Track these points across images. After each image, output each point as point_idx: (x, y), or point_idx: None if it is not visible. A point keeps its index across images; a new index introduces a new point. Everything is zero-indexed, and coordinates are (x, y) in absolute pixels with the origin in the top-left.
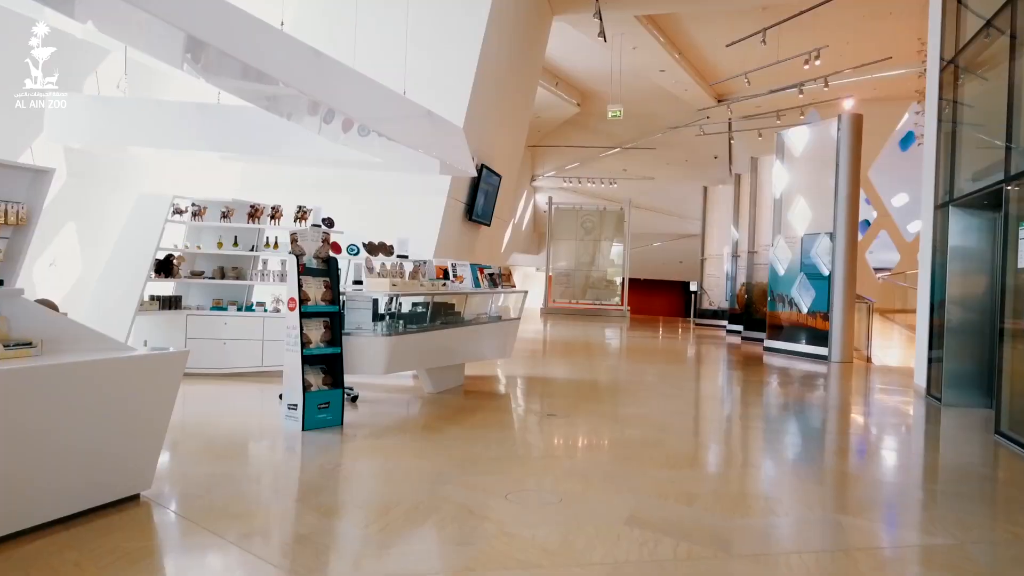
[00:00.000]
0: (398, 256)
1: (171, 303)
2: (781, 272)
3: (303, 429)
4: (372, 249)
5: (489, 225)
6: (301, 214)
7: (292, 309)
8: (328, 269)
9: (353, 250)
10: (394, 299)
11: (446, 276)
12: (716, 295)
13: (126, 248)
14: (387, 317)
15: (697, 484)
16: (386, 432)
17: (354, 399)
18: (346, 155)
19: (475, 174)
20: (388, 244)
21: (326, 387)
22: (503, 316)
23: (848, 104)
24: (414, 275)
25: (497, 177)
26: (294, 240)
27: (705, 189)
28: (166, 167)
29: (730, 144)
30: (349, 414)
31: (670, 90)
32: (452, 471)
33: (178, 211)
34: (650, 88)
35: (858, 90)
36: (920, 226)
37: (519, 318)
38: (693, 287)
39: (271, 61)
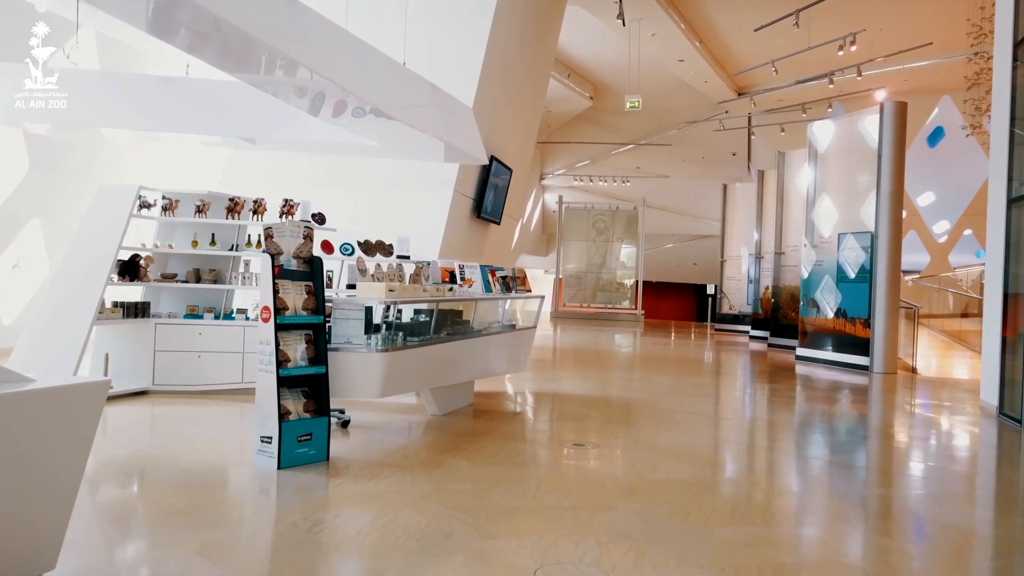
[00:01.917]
0: (398, 257)
1: (137, 310)
2: (817, 275)
3: (279, 467)
4: (368, 249)
5: (499, 223)
6: (287, 209)
7: (266, 320)
8: (311, 271)
9: (347, 250)
10: (391, 307)
11: (453, 280)
12: (736, 299)
13: (83, 247)
14: (383, 328)
15: (780, 549)
16: (380, 470)
17: (345, 424)
18: (340, 137)
19: (486, 161)
20: (387, 243)
21: (308, 415)
22: (517, 325)
23: (880, 95)
24: (415, 278)
25: (508, 171)
26: (268, 236)
27: (725, 187)
28: (144, 155)
29: (749, 140)
30: (338, 443)
31: (688, 82)
32: (462, 530)
33: (145, 205)
34: (667, 80)
35: (888, 82)
36: (947, 226)
37: (535, 326)
38: (710, 290)
39: (236, 9)
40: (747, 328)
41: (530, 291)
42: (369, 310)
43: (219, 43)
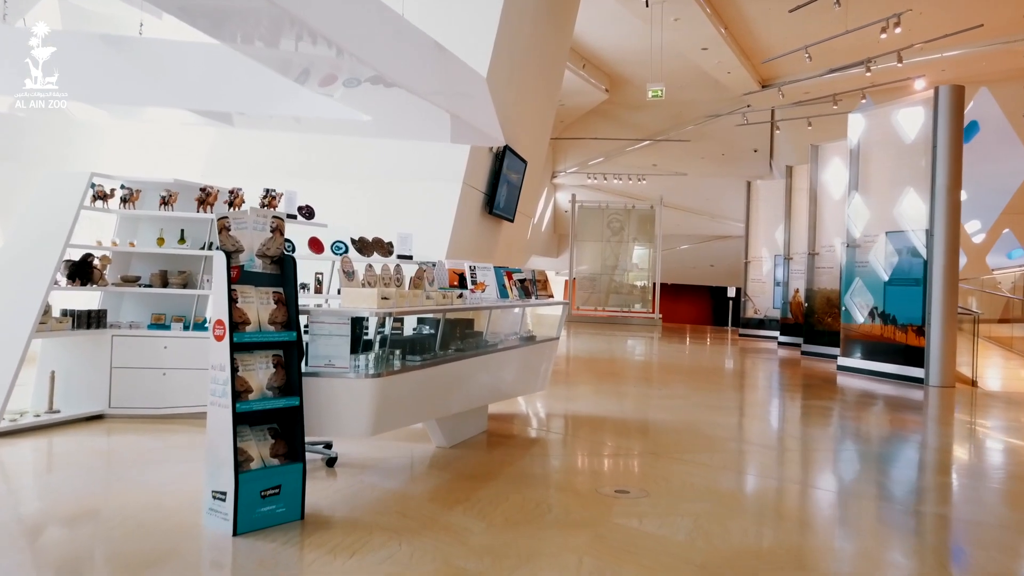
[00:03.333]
0: (399, 257)
1: (91, 320)
2: (859, 277)
3: (235, 533)
4: (364, 247)
5: (512, 221)
6: (269, 200)
7: (219, 339)
8: (281, 273)
9: (339, 248)
10: (386, 319)
11: (462, 283)
12: (761, 302)
13: (23, 245)
14: (375, 346)
15: None
16: (370, 534)
17: (331, 462)
18: (328, 111)
19: (503, 141)
20: (385, 241)
21: (276, 460)
22: (538, 336)
23: (919, 84)
24: (417, 282)
25: (523, 163)
26: (224, 227)
27: (749, 184)
28: (123, 140)
29: (772, 135)
30: (319, 490)
31: (711, 73)
32: None
33: (100, 196)
34: (688, 71)
35: (926, 71)
36: (979, 225)
37: (558, 337)
38: (731, 293)
39: None
40: (774, 333)
41: (552, 296)
42: (357, 323)
43: None
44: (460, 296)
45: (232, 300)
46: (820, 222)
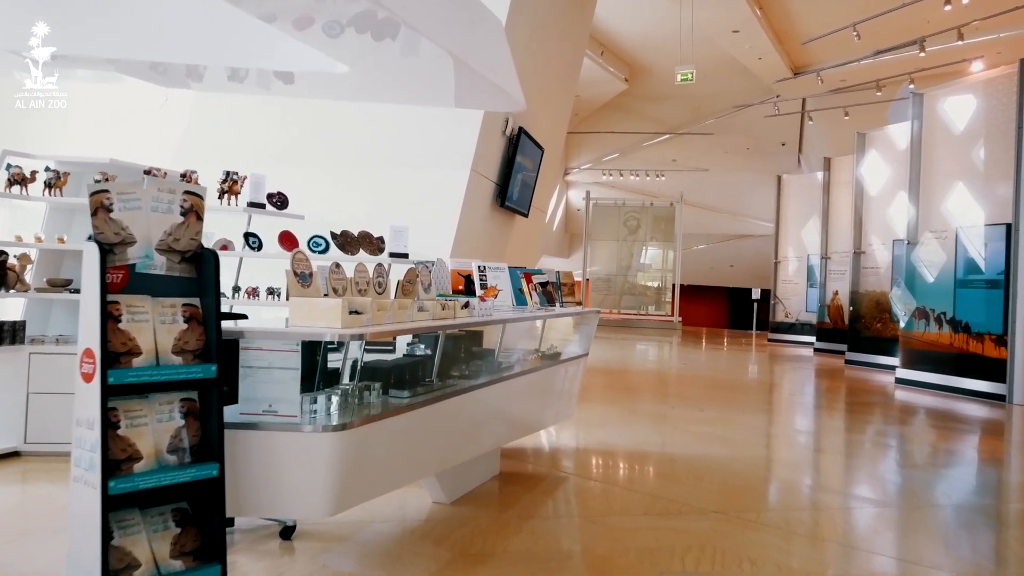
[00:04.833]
0: (391, 255)
1: (3, 333)
2: (931, 279)
3: None
4: (348, 243)
5: (526, 215)
6: (229, 185)
7: (87, 379)
8: (198, 277)
9: (318, 245)
10: (360, 344)
11: (468, 288)
12: (793, 305)
13: None
14: (340, 380)
15: None
16: None
17: (287, 532)
18: (304, 62)
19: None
20: (375, 237)
21: (179, 564)
22: (562, 353)
23: (976, 67)
24: (406, 288)
25: (539, 150)
26: (100, 206)
27: (779, 179)
28: (80, 120)
29: (802, 127)
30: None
31: (740, 59)
32: None
33: (17, 179)
34: (715, 58)
35: (984, 51)
36: None
37: (587, 353)
38: (755, 295)
39: None
40: (808, 339)
41: (580, 303)
42: (312, 349)
43: None
44: (466, 306)
45: (111, 317)
46: (869, 217)
